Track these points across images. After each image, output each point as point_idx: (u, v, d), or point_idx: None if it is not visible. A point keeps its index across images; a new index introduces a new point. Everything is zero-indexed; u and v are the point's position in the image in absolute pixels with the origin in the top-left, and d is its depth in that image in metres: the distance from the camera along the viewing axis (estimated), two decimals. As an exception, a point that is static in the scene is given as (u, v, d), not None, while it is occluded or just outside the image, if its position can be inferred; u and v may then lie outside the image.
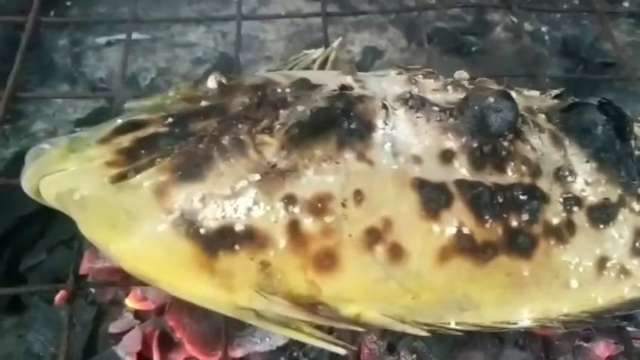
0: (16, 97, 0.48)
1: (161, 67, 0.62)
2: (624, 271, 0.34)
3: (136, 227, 0.32)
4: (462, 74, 0.47)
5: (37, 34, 0.62)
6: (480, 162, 0.34)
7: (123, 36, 0.56)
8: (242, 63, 0.59)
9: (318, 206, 0.32)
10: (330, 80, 0.39)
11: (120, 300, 0.47)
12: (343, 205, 0.32)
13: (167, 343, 0.45)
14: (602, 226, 0.34)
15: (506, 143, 0.34)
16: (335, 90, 0.36)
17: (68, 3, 0.67)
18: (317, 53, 0.50)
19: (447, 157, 0.34)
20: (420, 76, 0.40)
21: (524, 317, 0.33)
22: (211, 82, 0.40)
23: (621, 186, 0.35)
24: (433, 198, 0.32)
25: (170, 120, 0.36)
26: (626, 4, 0.71)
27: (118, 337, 0.46)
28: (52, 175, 0.35)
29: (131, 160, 0.34)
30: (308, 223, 0.31)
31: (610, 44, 0.60)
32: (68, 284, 0.39)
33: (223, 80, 0.39)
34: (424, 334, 0.32)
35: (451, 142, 0.34)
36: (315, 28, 0.65)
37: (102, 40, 0.63)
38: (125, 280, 0.42)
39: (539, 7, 0.69)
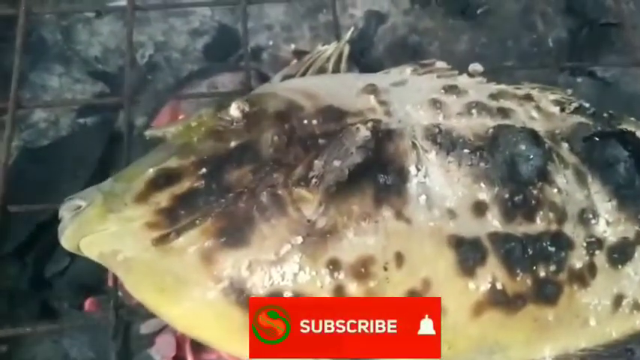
0: (21, 107, 0.47)
1: (158, 42, 0.60)
2: (637, 306, 0.37)
3: (185, 293, 0.34)
4: (476, 67, 0.47)
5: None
6: (511, 213, 0.35)
7: (117, 3, 0.53)
8: (242, 33, 0.57)
9: (362, 271, 0.33)
10: (353, 98, 0.39)
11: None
12: (385, 269, 0.33)
13: (198, 344, 0.48)
14: (620, 266, 0.36)
15: (535, 191, 0.36)
16: (367, 136, 0.36)
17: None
18: (330, 49, 0.49)
19: (480, 209, 0.35)
20: (442, 91, 0.41)
21: (546, 355, 0.36)
22: (234, 111, 0.39)
23: (638, 222, 0.37)
24: (469, 256, 0.34)
25: (204, 170, 0.36)
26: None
27: (150, 337, 0.49)
28: (92, 236, 0.35)
29: (172, 221, 0.34)
30: (352, 288, 0.33)
31: (614, 0, 0.60)
32: (110, 319, 0.41)
33: (246, 108, 0.39)
34: (458, 378, 0.35)
35: (483, 193, 0.35)
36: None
37: (90, 12, 0.60)
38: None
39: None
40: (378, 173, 0.35)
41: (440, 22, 0.61)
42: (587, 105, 0.42)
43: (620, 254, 0.36)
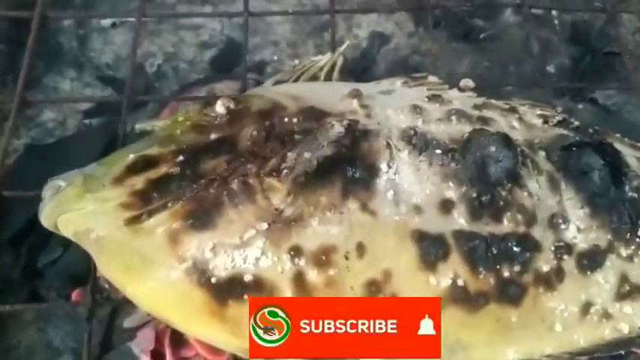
0: (26, 102, 0.49)
1: (168, 52, 0.62)
2: (606, 315, 0.36)
3: (150, 272, 0.34)
4: (467, 83, 0.48)
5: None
6: (477, 212, 0.35)
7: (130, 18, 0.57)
8: (249, 48, 0.59)
9: (322, 258, 0.34)
10: (336, 102, 0.40)
11: (134, 297, 0.51)
12: (346, 258, 0.34)
13: (178, 340, 0.49)
14: (589, 273, 0.36)
15: (504, 193, 0.36)
16: (341, 132, 0.37)
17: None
18: (324, 60, 0.50)
19: (446, 207, 0.35)
20: (426, 99, 0.41)
21: (510, 358, 0.35)
22: (220, 108, 0.40)
23: (612, 231, 0.37)
24: (431, 251, 0.34)
25: (181, 158, 0.37)
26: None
27: (132, 332, 0.49)
28: (69, 214, 0.36)
29: (145, 203, 0.36)
30: (312, 276, 0.33)
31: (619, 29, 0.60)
32: (86, 302, 0.42)
33: (231, 105, 0.40)
34: (417, 376, 0.35)
35: (451, 192, 0.35)
36: (322, 9, 0.64)
37: (107, 22, 0.63)
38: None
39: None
40: (349, 167, 0.35)
41: (443, 45, 0.62)
42: (572, 120, 0.43)
43: (589, 261, 0.36)
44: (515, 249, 0.35)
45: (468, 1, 0.67)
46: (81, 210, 0.36)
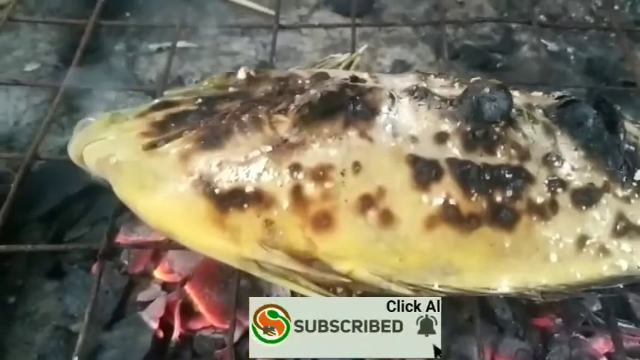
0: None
1: (205, 72, 0.68)
2: (604, 250, 0.36)
3: (160, 187, 0.37)
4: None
5: (98, 39, 0.70)
6: (471, 144, 0.37)
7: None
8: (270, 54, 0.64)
9: (320, 174, 0.35)
10: (348, 75, 0.43)
11: (150, 272, 0.52)
12: (342, 174, 0.36)
13: (188, 312, 0.50)
14: (584, 208, 0.36)
15: (497, 129, 0.37)
16: (347, 78, 0.41)
17: (127, 14, 0.74)
18: (343, 57, 0.54)
19: (441, 138, 0.37)
20: (432, 75, 0.44)
21: (504, 285, 0.35)
22: (241, 74, 0.44)
23: (607, 174, 0.38)
24: (424, 171, 0.35)
25: (200, 101, 0.41)
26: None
27: (145, 305, 0.51)
28: (94, 143, 0.40)
29: (163, 132, 0.39)
30: (309, 188, 0.35)
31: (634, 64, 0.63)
32: (101, 244, 0.44)
33: (252, 73, 0.44)
34: (409, 293, 0.35)
35: (446, 126, 0.37)
36: (349, 41, 0.70)
37: (154, 46, 0.70)
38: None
39: (561, 25, 0.72)
40: (351, 103, 0.38)
41: (461, 73, 0.66)
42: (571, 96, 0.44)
43: (585, 197, 0.37)
44: (507, 176, 0.36)
45: (488, 39, 0.71)
46: (105, 139, 0.40)
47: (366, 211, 0.35)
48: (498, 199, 0.36)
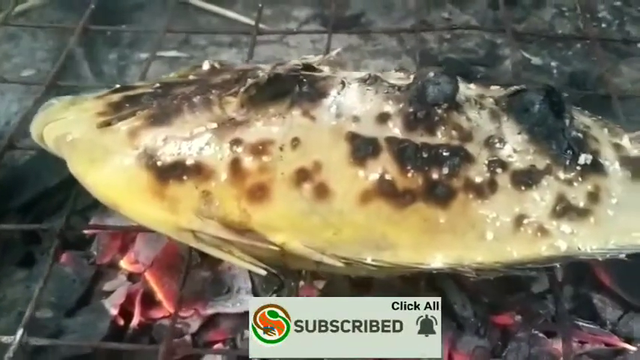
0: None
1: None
2: (542, 230, 0.36)
3: (108, 161, 0.38)
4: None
5: (93, 48, 0.73)
6: (412, 124, 0.37)
7: (166, 53, 0.66)
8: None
9: (259, 148, 0.36)
10: (301, 62, 0.44)
11: (116, 263, 0.53)
12: (281, 149, 0.36)
13: (150, 301, 0.50)
14: (523, 188, 0.36)
15: (440, 111, 0.38)
16: (298, 65, 0.42)
17: (123, 26, 0.77)
18: (315, 59, 0.55)
19: (383, 118, 0.37)
20: (393, 71, 0.45)
21: (438, 261, 0.35)
22: (205, 65, 0.46)
23: (550, 157, 0.38)
24: (362, 148, 0.36)
25: (157, 85, 0.42)
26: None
27: (110, 294, 0.51)
28: (53, 123, 0.41)
29: (117, 111, 0.40)
30: (248, 161, 0.36)
31: (620, 78, 0.63)
32: (59, 224, 0.45)
33: (216, 65, 0.46)
34: (340, 265, 0.35)
35: (390, 107, 0.38)
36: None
37: (144, 55, 0.72)
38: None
39: (535, 33, 0.72)
40: (299, 88, 0.39)
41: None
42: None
43: (525, 178, 0.37)
44: (445, 154, 0.36)
45: (472, 52, 0.72)
46: (64, 119, 0.41)
47: (301, 184, 0.35)
48: (435, 176, 0.36)
